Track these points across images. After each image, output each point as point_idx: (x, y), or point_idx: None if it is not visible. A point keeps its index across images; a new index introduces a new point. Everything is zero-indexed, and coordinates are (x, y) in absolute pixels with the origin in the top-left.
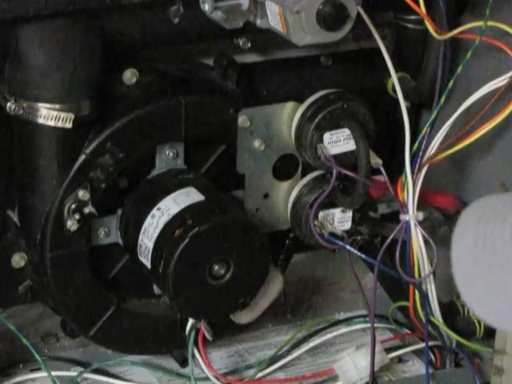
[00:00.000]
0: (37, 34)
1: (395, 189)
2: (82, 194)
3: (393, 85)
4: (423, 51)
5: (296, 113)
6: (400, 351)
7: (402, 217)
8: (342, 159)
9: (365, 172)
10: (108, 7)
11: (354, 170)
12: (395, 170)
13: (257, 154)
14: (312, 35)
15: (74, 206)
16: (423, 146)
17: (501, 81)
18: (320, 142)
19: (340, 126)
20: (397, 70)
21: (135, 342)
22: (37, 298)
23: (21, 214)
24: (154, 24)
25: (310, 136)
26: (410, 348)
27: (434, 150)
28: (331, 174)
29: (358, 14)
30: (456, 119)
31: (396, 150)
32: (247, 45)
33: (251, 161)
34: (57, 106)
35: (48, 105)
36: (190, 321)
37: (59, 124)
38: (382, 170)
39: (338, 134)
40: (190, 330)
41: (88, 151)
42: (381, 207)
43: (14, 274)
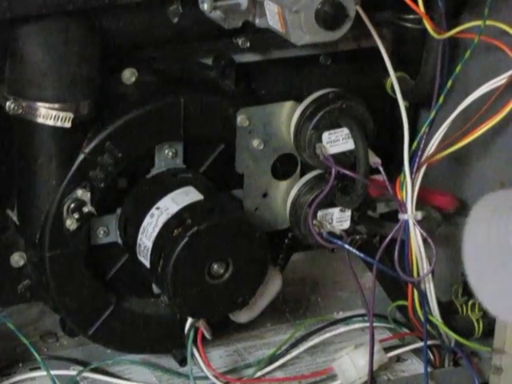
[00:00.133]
0: (36, 33)
1: (394, 188)
2: (82, 193)
3: (391, 84)
4: (422, 51)
5: (295, 112)
6: (399, 350)
7: (400, 216)
8: (341, 159)
9: (364, 171)
10: (107, 7)
11: (353, 169)
12: (394, 169)
13: (256, 153)
14: (311, 35)
15: (73, 205)
16: (422, 146)
17: (499, 80)
18: (319, 141)
19: (339, 126)
20: (395, 69)
21: (134, 341)
22: (36, 297)
23: (20, 214)
24: (153, 23)
25: (308, 135)
26: (408, 347)
27: (433, 149)
28: (330, 174)
29: (357, 13)
30: (455, 119)
31: (395, 150)
32: (246, 44)
33: (250, 160)
34: (56, 105)
35: (47, 104)
36: (189, 320)
37: (58, 123)
38: (381, 169)
39: (336, 134)
40: (189, 329)
41: (87, 151)
42: (379, 206)
43: (14, 273)
